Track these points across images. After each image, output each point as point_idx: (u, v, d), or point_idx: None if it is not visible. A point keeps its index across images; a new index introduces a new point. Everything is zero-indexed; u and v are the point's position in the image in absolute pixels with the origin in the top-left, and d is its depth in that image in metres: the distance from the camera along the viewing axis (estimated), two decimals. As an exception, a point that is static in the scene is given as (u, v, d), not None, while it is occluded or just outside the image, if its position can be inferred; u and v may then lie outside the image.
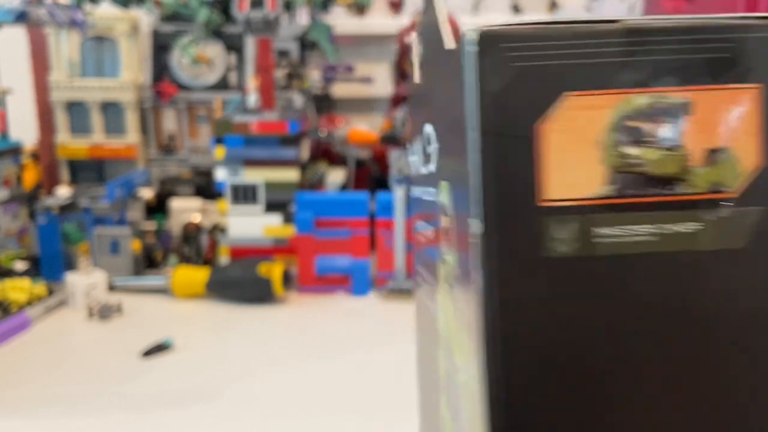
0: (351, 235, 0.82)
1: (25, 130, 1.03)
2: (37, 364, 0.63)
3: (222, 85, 1.05)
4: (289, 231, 0.84)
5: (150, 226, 0.93)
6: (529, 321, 0.23)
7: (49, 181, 1.08)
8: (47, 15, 0.92)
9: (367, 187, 0.97)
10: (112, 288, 0.79)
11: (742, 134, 0.23)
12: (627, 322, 0.23)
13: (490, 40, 0.22)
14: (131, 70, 1.05)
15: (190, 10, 1.00)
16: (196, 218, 0.91)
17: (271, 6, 0.83)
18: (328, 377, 0.60)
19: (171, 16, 1.04)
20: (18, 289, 0.73)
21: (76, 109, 1.06)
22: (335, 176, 1.00)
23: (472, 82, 0.22)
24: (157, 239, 0.91)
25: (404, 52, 1.12)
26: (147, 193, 0.97)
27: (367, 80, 1.23)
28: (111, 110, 1.06)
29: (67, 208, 0.83)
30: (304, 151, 0.92)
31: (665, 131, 0.23)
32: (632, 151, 0.23)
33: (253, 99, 0.87)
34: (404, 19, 1.25)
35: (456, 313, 0.26)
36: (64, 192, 0.91)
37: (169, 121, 1.07)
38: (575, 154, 0.23)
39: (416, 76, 0.32)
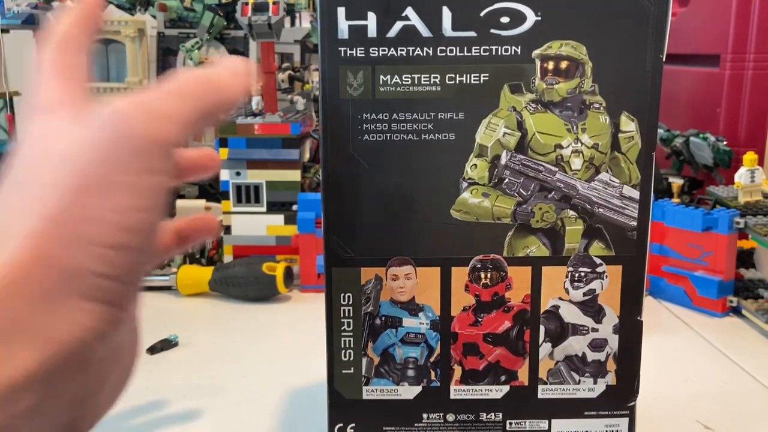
0: (352, 234, 0.83)
1: (33, 132, 1.05)
2: (45, 359, 0.64)
3: (226, 87, 1.07)
4: (292, 230, 0.86)
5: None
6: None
7: (57, 181, 1.09)
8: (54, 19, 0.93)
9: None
10: (118, 286, 0.81)
11: None
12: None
13: None
14: (137, 72, 1.07)
15: (194, 15, 1.02)
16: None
17: (274, 11, 0.85)
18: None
19: (176, 21, 1.06)
20: (27, 287, 0.75)
21: (83, 111, 1.07)
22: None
23: None
24: (163, 239, 0.93)
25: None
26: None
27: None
28: (117, 112, 1.07)
29: (75, 208, 0.84)
30: (306, 152, 0.94)
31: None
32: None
33: (256, 101, 0.88)
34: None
35: None
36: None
37: (174, 123, 1.08)
38: None
39: None
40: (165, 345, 0.66)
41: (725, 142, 0.92)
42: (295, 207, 0.86)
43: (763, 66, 0.96)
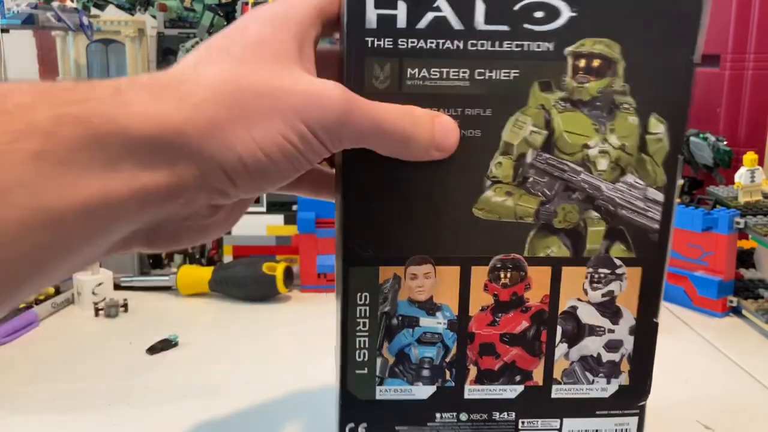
0: (352, 234, 0.83)
1: (32, 132, 1.05)
2: (44, 360, 0.64)
3: (226, 87, 1.07)
4: (292, 230, 0.86)
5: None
6: None
7: (56, 181, 1.09)
8: (54, 19, 0.93)
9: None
10: (118, 286, 0.81)
11: None
12: None
13: None
14: (136, 72, 1.07)
15: (194, 15, 1.02)
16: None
17: (274, 10, 0.85)
18: (329, 373, 0.61)
19: (176, 21, 1.06)
20: (27, 287, 0.75)
21: (83, 111, 1.07)
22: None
23: None
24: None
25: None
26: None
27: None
28: (117, 112, 1.07)
29: (74, 208, 0.84)
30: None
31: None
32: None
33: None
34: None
35: None
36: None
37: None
38: None
39: None
40: (165, 345, 0.66)
41: (725, 142, 0.92)
42: (295, 207, 0.86)
43: (763, 66, 0.96)
